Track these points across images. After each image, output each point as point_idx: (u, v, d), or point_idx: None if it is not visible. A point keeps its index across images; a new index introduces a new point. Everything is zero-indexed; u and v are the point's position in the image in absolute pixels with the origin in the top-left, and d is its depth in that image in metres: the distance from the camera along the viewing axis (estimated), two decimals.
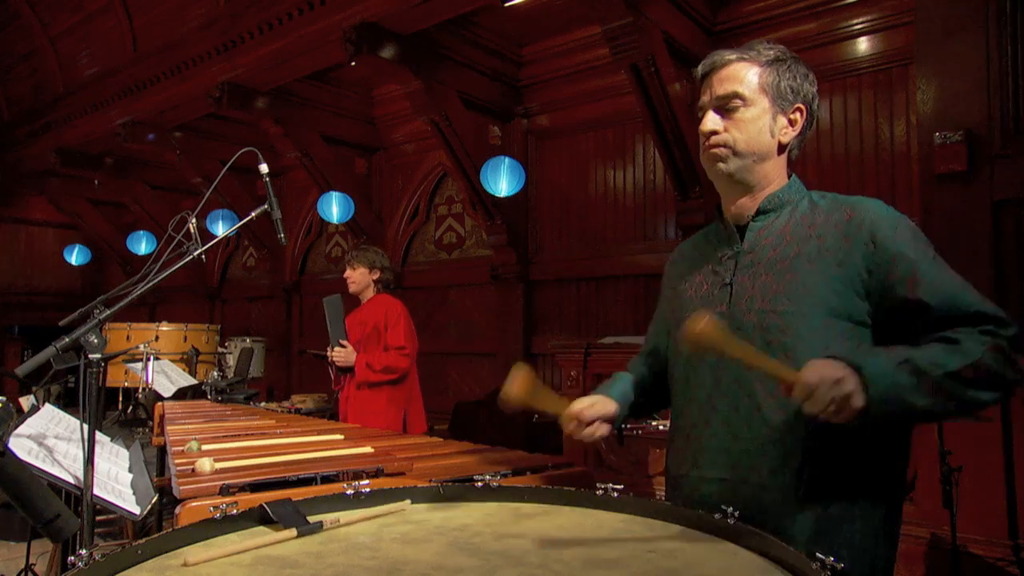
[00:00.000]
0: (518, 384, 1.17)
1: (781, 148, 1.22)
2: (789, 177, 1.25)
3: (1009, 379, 1.04)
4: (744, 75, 1.20)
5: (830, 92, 4.05)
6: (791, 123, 1.22)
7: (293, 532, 1.06)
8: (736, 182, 1.22)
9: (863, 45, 3.94)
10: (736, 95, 1.19)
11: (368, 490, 1.22)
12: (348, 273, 3.56)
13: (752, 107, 1.19)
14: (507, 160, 4.91)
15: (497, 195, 4.96)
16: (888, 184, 3.83)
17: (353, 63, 4.74)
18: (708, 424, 1.19)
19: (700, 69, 1.26)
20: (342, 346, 3.40)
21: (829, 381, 0.97)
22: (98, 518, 3.29)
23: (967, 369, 1.01)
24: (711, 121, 1.21)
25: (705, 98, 1.23)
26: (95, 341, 1.44)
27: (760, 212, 1.23)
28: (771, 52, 1.21)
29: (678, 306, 1.32)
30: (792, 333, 1.12)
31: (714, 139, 1.20)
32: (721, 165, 1.21)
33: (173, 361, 4.62)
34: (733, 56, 1.21)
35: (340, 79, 5.88)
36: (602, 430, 1.28)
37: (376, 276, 3.56)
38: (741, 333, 1.16)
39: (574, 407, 1.26)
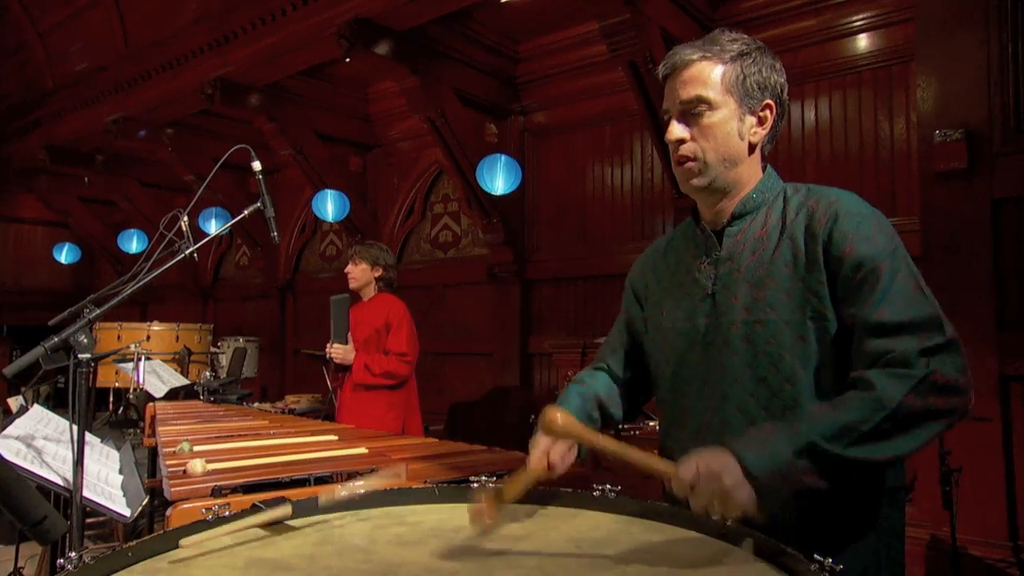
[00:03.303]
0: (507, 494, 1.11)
1: (752, 148, 1.19)
2: (764, 170, 1.22)
3: (942, 410, 0.98)
4: (708, 76, 1.15)
5: (829, 89, 4.06)
6: (760, 121, 1.18)
7: (288, 509, 1.06)
8: (711, 192, 1.20)
9: (863, 42, 3.95)
10: (700, 99, 1.15)
11: (362, 492, 1.22)
12: (349, 268, 3.48)
13: (718, 111, 1.15)
14: (504, 158, 4.91)
15: (494, 193, 4.96)
16: (888, 183, 3.84)
17: (348, 59, 4.74)
18: (703, 440, 1.17)
19: (661, 70, 1.21)
20: (345, 342, 3.35)
21: (706, 476, 0.94)
22: (88, 520, 3.29)
23: (883, 423, 0.96)
24: (677, 130, 1.17)
25: (668, 103, 1.19)
26: (85, 341, 1.44)
27: (735, 217, 1.20)
28: (735, 46, 1.16)
29: (659, 317, 1.28)
30: (778, 343, 1.11)
31: (683, 150, 1.17)
32: (694, 182, 1.18)
33: (165, 361, 4.61)
34: (695, 55, 1.16)
35: (335, 76, 5.87)
36: (569, 460, 1.21)
37: (378, 274, 3.47)
38: (728, 347, 1.15)
39: (538, 455, 1.17)
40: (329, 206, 5.84)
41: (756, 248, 1.17)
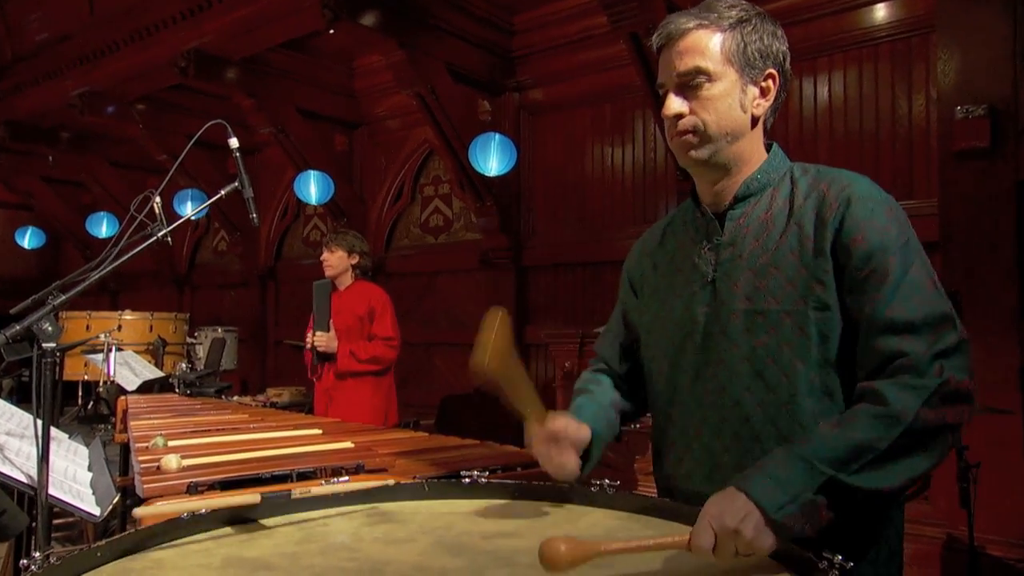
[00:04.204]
0: (496, 345, 1.06)
1: (755, 121, 1.18)
2: (769, 149, 1.22)
3: (954, 423, 0.97)
4: (706, 45, 1.13)
5: (844, 64, 4.05)
6: (763, 92, 1.17)
7: (257, 497, 1.06)
8: (711, 167, 1.18)
9: (880, 12, 3.92)
10: (699, 71, 1.13)
11: (348, 489, 1.22)
12: (325, 256, 3.63)
13: (718, 82, 1.13)
14: (498, 137, 4.89)
15: (487, 175, 4.94)
16: (905, 163, 3.84)
17: (331, 31, 4.69)
18: (700, 436, 1.18)
19: (655, 41, 1.19)
20: (327, 330, 3.45)
21: (724, 535, 0.89)
22: (56, 522, 3.28)
23: (899, 440, 0.95)
24: (675, 104, 1.15)
25: (664, 76, 1.18)
26: (49, 329, 1.43)
27: (738, 198, 1.19)
28: (733, 12, 1.15)
29: (656, 306, 1.28)
30: (778, 335, 1.10)
31: (681, 124, 1.15)
32: (693, 153, 1.17)
33: (138, 352, 4.59)
34: (691, 23, 1.14)
35: (318, 48, 5.82)
36: (571, 464, 1.15)
37: (355, 261, 3.64)
38: (727, 338, 1.15)
39: (554, 423, 1.14)
40: (312, 188, 5.81)
41: (760, 233, 1.16)
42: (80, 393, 5.22)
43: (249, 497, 1.09)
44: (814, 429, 1.03)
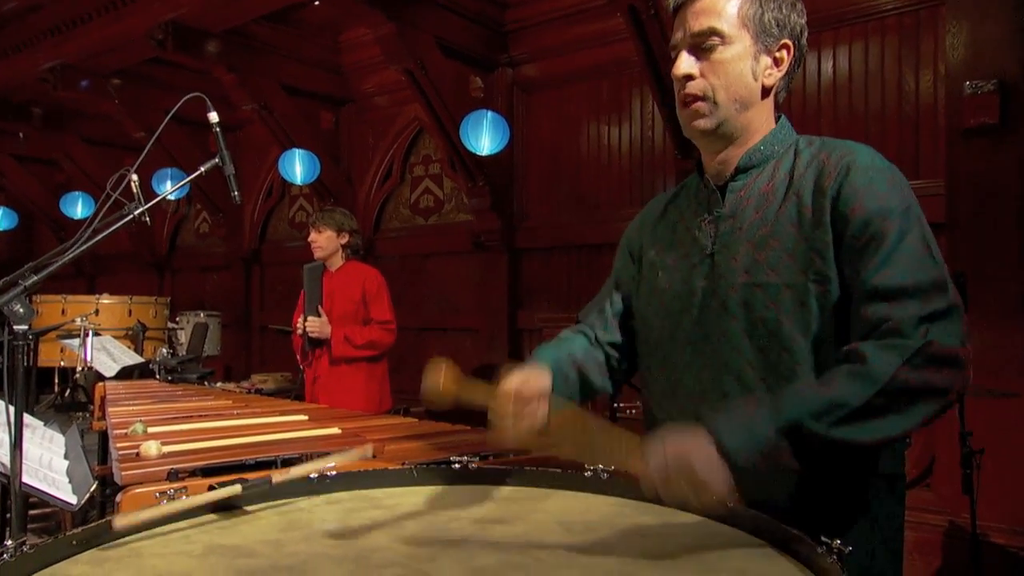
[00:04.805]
0: (443, 376, 1.12)
1: (765, 92, 1.19)
2: (778, 120, 1.23)
3: (938, 387, 0.98)
4: (723, 7, 1.15)
5: (849, 38, 4.02)
6: (776, 63, 1.19)
7: (237, 489, 1.05)
8: (718, 138, 1.20)
9: None
10: (713, 31, 1.15)
11: (334, 473, 1.22)
12: (313, 236, 3.55)
13: (732, 45, 1.15)
14: (490, 115, 4.85)
15: (479, 154, 4.91)
16: (911, 142, 3.83)
17: (316, 1, 4.64)
18: (694, 412, 1.18)
19: (672, 0, 1.21)
20: (318, 315, 3.38)
21: (676, 462, 0.92)
22: (31, 512, 3.28)
23: (874, 399, 0.95)
24: (685, 64, 1.17)
25: (678, 35, 1.19)
26: (21, 310, 1.42)
27: (740, 170, 1.20)
28: None
29: (654, 278, 1.28)
30: (777, 308, 1.11)
31: (690, 87, 1.17)
32: (701, 122, 1.18)
33: (116, 338, 4.57)
34: None
35: (303, 21, 5.75)
36: (542, 408, 1.15)
37: (344, 240, 3.55)
38: (726, 312, 1.15)
39: (507, 385, 1.15)
40: (298, 167, 5.78)
41: (761, 205, 1.17)
42: (56, 380, 5.20)
43: (230, 489, 1.08)
44: (791, 385, 1.04)
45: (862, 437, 0.97)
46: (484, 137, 4.81)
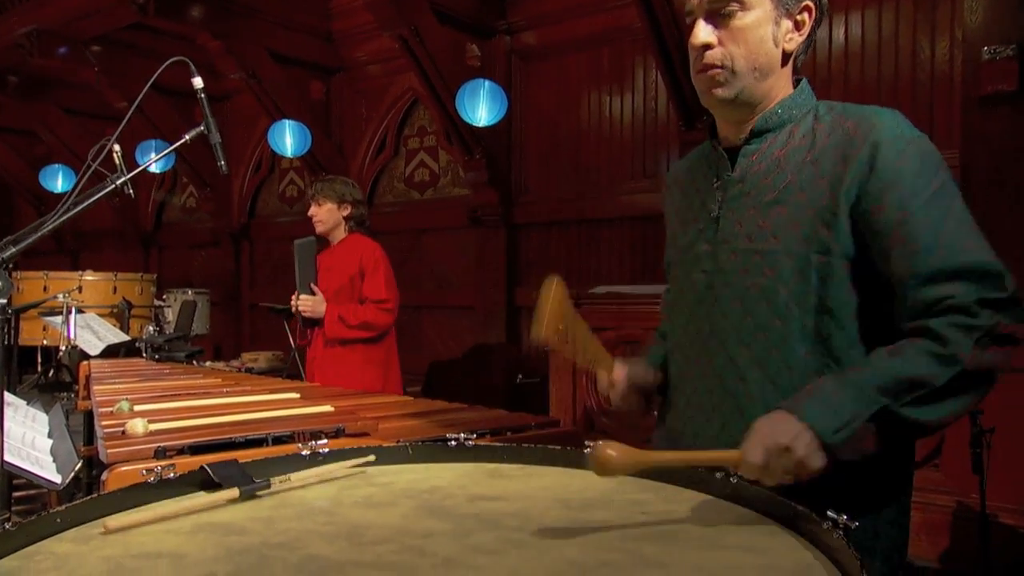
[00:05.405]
0: (551, 316, 1.16)
1: (786, 57, 1.18)
2: (797, 84, 1.22)
3: (1000, 366, 1.02)
4: None
5: (862, 4, 3.98)
6: (797, 26, 1.17)
7: (235, 492, 1.05)
8: (736, 106, 1.19)
9: None
10: None
11: (327, 450, 1.22)
12: (313, 210, 3.41)
13: (752, 11, 1.13)
14: (487, 84, 4.82)
15: (476, 125, 4.89)
16: (925, 111, 3.81)
17: None
18: (689, 377, 1.24)
19: None
20: (311, 292, 3.28)
21: (776, 452, 0.96)
22: (15, 495, 3.29)
23: (954, 380, 0.99)
24: (703, 33, 1.15)
25: (693, 3, 1.17)
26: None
27: (754, 134, 1.19)
28: None
29: (672, 247, 1.33)
30: (774, 275, 1.12)
31: (708, 56, 1.15)
32: (719, 91, 1.16)
33: (101, 315, 4.56)
34: None
35: None
36: (632, 401, 1.31)
37: (347, 212, 3.40)
38: (723, 276, 1.17)
39: (623, 371, 1.28)
40: (288, 139, 5.74)
41: (772, 170, 1.17)
42: (39, 360, 5.21)
43: (226, 493, 1.07)
44: (862, 360, 1.08)
45: (935, 416, 1.01)
46: (481, 108, 4.78)
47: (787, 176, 1.15)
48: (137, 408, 1.78)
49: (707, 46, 1.15)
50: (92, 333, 3.87)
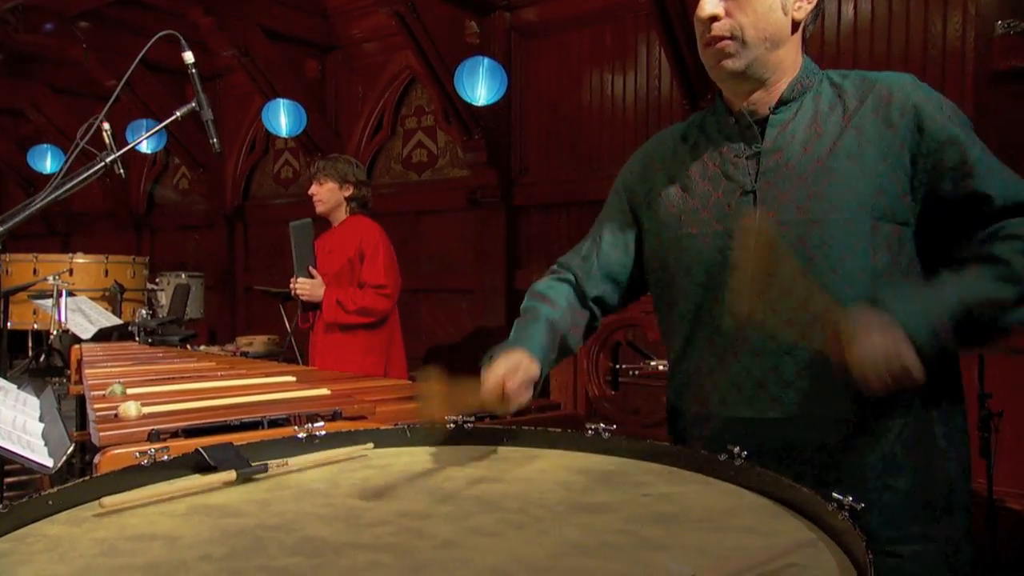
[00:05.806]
0: (437, 400, 1.21)
1: (795, 26, 1.19)
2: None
3: None
4: None
5: None
6: None
7: (232, 475, 1.05)
8: (746, 78, 1.19)
9: None
10: None
11: (323, 433, 1.22)
12: (314, 189, 3.38)
13: None
14: (486, 62, 4.79)
15: (475, 104, 4.86)
16: (936, 86, 3.70)
17: None
18: (737, 357, 1.19)
19: None
20: (309, 275, 3.27)
21: (886, 357, 0.99)
22: (7, 480, 3.31)
23: (1020, 300, 1.05)
24: (710, 4, 1.15)
25: None
26: None
27: (782, 102, 1.20)
28: None
29: (676, 224, 1.27)
30: (838, 244, 1.13)
31: (716, 28, 1.15)
32: (728, 63, 1.16)
33: (92, 299, 4.56)
34: None
35: None
36: (525, 397, 1.21)
37: (349, 192, 3.37)
38: (773, 251, 1.14)
39: (494, 379, 1.18)
40: (282, 119, 5.72)
41: (809, 139, 1.18)
42: (30, 344, 5.21)
43: (222, 476, 1.07)
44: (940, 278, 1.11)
45: (1004, 323, 1.07)
46: (480, 86, 4.76)
47: (828, 142, 1.16)
48: (130, 391, 1.78)
49: (714, 17, 1.15)
50: (84, 316, 3.87)
